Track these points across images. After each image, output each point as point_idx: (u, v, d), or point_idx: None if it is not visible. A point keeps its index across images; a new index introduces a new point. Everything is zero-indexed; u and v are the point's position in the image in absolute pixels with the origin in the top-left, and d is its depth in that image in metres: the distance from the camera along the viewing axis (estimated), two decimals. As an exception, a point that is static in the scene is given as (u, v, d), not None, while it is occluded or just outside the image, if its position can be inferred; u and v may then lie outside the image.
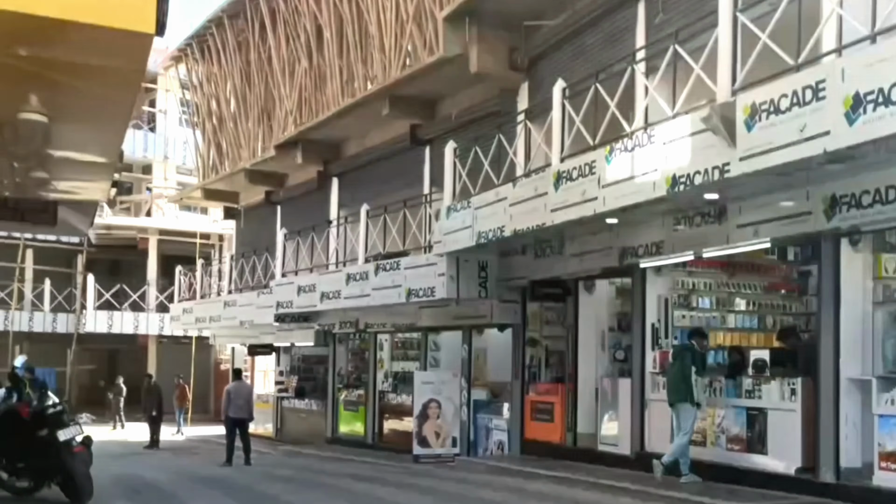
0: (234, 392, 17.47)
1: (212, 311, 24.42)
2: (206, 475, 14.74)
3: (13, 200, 12.44)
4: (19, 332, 34.57)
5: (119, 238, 34.82)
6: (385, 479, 12.92)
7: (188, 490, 12.05)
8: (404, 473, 13.98)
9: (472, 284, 14.52)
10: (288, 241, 20.51)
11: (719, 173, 8.34)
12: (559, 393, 13.94)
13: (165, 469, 17.10)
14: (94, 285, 33.58)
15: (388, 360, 19.34)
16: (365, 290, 16.62)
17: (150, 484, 13.36)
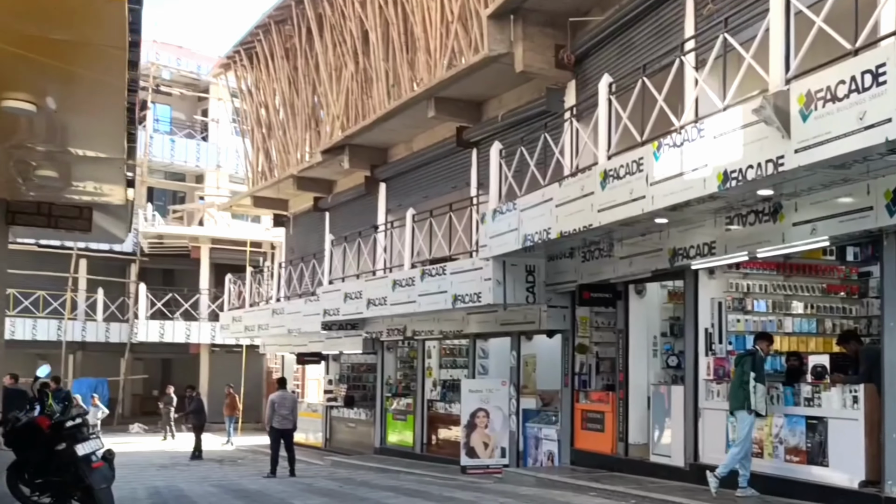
0: (279, 402, 17.46)
1: (260, 320, 24.50)
2: (244, 488, 14.64)
3: (46, 206, 12.40)
4: (72, 342, 35.22)
5: (171, 247, 35.30)
6: (427, 494, 12.66)
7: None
8: (448, 486, 13.74)
9: (520, 289, 14.25)
10: (335, 248, 20.49)
11: (773, 167, 7.97)
12: (610, 401, 13.60)
13: (206, 480, 17.12)
14: (145, 294, 34.06)
15: (436, 368, 19.14)
16: (411, 297, 16.47)
17: (184, 497, 13.27)
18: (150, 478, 18.10)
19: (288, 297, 23.12)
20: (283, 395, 17.99)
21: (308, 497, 12.64)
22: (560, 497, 11.65)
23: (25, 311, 34.03)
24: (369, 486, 14.37)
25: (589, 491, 11.82)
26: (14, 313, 33.59)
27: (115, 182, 10.50)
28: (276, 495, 13.10)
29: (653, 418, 12.61)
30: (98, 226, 13.53)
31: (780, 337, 12.29)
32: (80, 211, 12.72)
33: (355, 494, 12.93)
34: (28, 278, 33.47)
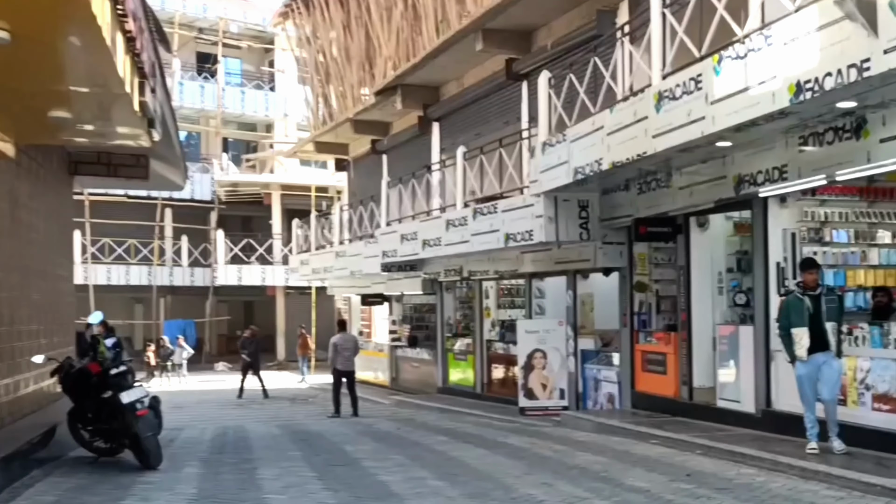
0: (341, 344, 16.40)
1: (326, 263, 23.36)
2: (305, 429, 13.54)
3: (105, 155, 12.02)
4: (162, 287, 34.99)
5: (246, 195, 34.50)
6: (481, 439, 11.29)
7: (277, 449, 10.79)
8: (504, 430, 12.37)
9: (573, 226, 12.62)
10: (391, 190, 19.09)
11: (857, 72, 6.16)
12: (672, 342, 11.94)
13: (274, 420, 16.23)
14: (223, 240, 33.41)
15: (494, 308, 17.67)
16: (464, 237, 15.00)
17: (245, 438, 12.29)
18: (224, 416, 17.41)
19: (350, 240, 21.89)
20: (344, 336, 16.90)
21: (362, 441, 11.43)
22: (618, 445, 10.17)
23: (119, 259, 33.91)
24: (427, 428, 13.12)
25: (650, 438, 10.30)
26: (109, 260, 33.62)
27: (131, 123, 9.17)
28: (331, 438, 11.94)
29: (719, 361, 10.91)
30: (156, 173, 12.67)
31: (864, 271, 10.43)
32: (136, 159, 12.13)
33: (409, 439, 11.65)
34: (121, 227, 33.35)
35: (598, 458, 9.21)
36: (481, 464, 9.00)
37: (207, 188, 35.18)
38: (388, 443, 11.30)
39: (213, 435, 12.91)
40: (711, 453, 9.12)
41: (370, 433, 12.58)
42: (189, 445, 11.32)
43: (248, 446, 11.22)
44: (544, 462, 9.09)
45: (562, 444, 10.45)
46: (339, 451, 10.51)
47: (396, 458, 9.54)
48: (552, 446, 10.23)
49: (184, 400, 21.19)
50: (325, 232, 24.07)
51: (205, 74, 36.58)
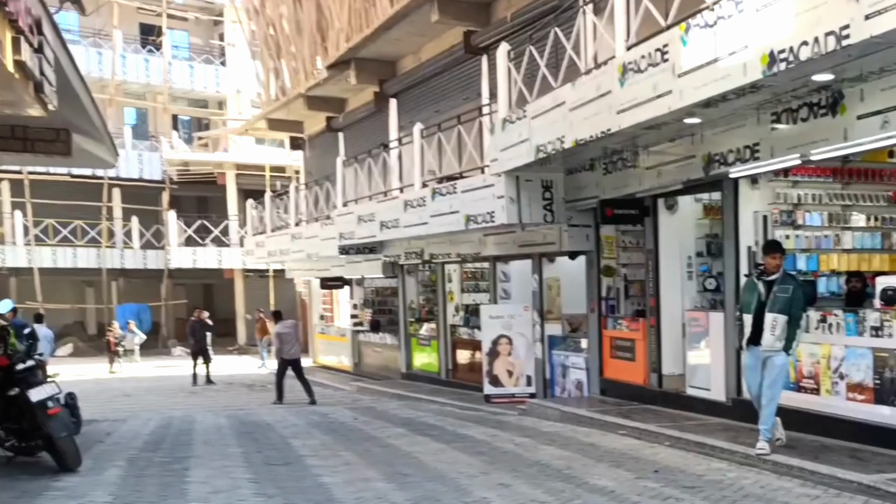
0: (284, 333, 16.22)
1: (282, 245, 22.80)
2: (257, 420, 13.11)
3: (20, 129, 10.98)
4: (113, 269, 34.18)
5: (198, 174, 33.70)
6: (440, 430, 10.93)
7: (217, 445, 10.29)
8: (467, 420, 12.02)
9: (536, 207, 12.24)
10: (347, 169, 18.56)
11: (835, 41, 5.80)
12: (641, 328, 11.66)
13: (228, 409, 15.79)
14: (175, 221, 32.66)
15: (457, 293, 17.29)
16: (423, 218, 14.56)
17: (188, 431, 11.82)
18: (173, 405, 16.96)
19: (306, 222, 21.35)
20: (285, 324, 16.73)
21: (312, 435, 10.99)
22: (585, 437, 9.87)
23: (65, 241, 33.06)
24: (385, 418, 12.74)
25: (618, 429, 10.01)
26: (54, 242, 32.83)
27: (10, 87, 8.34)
28: (280, 431, 11.47)
29: (688, 347, 10.67)
30: (81, 150, 11.95)
31: (837, 255, 10.18)
32: (56, 133, 11.24)
33: (364, 431, 11.23)
34: (65, 208, 32.42)
35: (563, 452, 8.90)
36: (436, 461, 8.64)
37: (157, 167, 34.34)
38: (340, 436, 10.88)
39: (155, 427, 12.48)
40: (680, 445, 8.85)
41: (324, 425, 12.18)
42: (124, 441, 10.85)
43: (188, 441, 10.73)
44: (504, 458, 8.74)
45: (525, 435, 10.14)
46: (285, 446, 10.06)
47: (345, 456, 9.14)
48: (514, 439, 9.91)
49: (134, 387, 20.70)
50: (281, 213, 23.47)
51: (149, 48, 35.51)
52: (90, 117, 10.73)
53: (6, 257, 32.21)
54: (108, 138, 12.55)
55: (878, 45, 5.77)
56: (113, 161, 13.71)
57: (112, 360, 25.56)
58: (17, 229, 32.18)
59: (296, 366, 16.32)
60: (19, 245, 32.17)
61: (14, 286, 32.77)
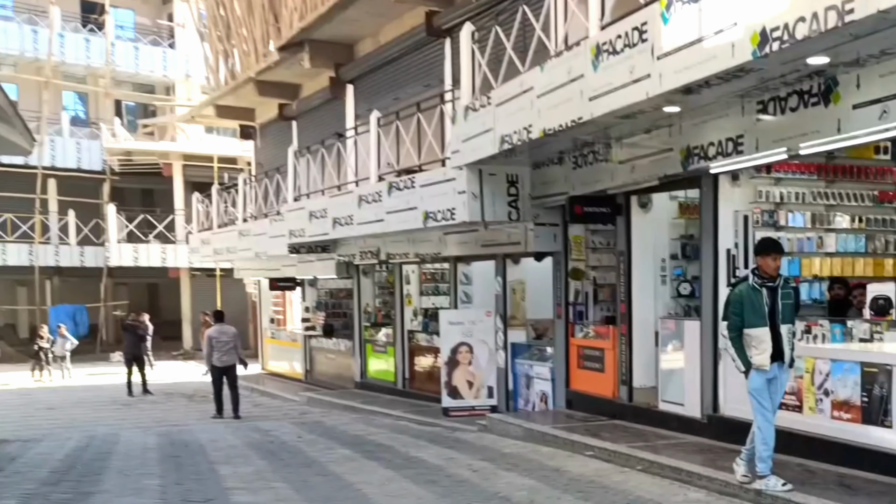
0: (216, 337, 15.47)
1: (229, 242, 22.10)
2: (184, 440, 12.41)
3: None
4: (46, 267, 33.11)
5: (142, 165, 32.76)
6: (391, 452, 10.38)
7: (133, 474, 9.40)
8: (421, 438, 11.48)
9: (500, 204, 11.76)
10: (299, 160, 17.94)
11: (837, 17, 5.36)
12: (611, 336, 11.22)
13: (160, 423, 15.13)
14: (115, 216, 31.70)
15: (416, 296, 16.72)
16: (379, 215, 14.02)
17: (108, 453, 11.08)
18: (101, 420, 16.20)
19: (255, 217, 20.68)
20: (220, 329, 15.93)
21: (246, 459, 10.25)
22: (549, 459, 9.36)
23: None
24: (332, 436, 12.17)
25: (585, 449, 9.53)
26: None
27: None
28: (210, 454, 10.80)
29: (661, 358, 10.24)
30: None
31: (820, 259, 9.81)
32: None
33: (305, 454, 10.55)
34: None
35: (525, 480, 8.35)
36: (381, 494, 7.99)
37: (97, 157, 33.29)
38: (277, 461, 10.12)
39: (71, 450, 11.70)
40: (654, 470, 8.40)
41: (262, 445, 11.49)
42: (27, 468, 10.02)
43: (102, 469, 9.87)
44: (459, 489, 8.13)
45: (484, 458, 9.60)
46: (210, 475, 9.28)
47: (278, 489, 8.37)
48: (472, 463, 9.33)
49: (61, 399, 19.87)
50: (230, 207, 22.75)
51: (90, 27, 34.43)
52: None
53: (-73, 253, 30.99)
54: (20, 121, 11.84)
55: (885, 21, 5.33)
56: (29, 147, 12.93)
57: (37, 368, 24.46)
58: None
59: (229, 374, 15.68)
60: (-59, 239, 31.00)
61: (-64, 285, 31.76)
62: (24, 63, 34.29)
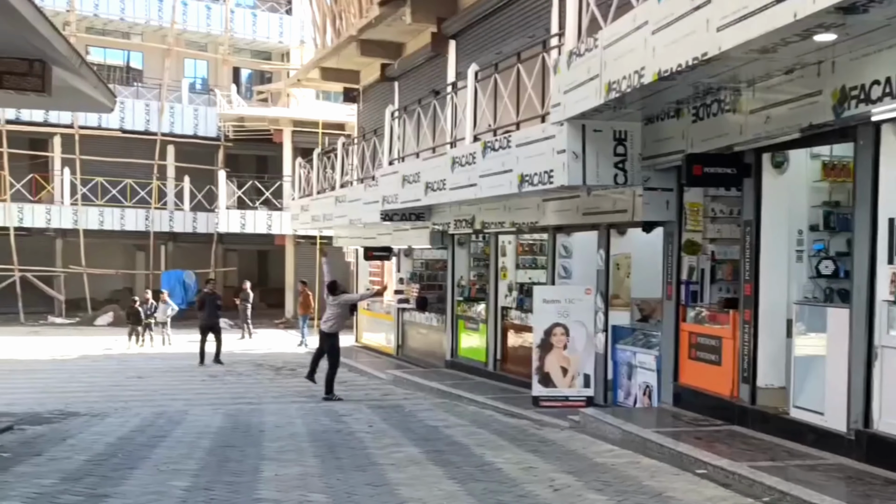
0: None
1: (326, 209, 20.93)
2: (250, 422, 11.08)
3: None
4: (161, 233, 32.98)
5: (254, 131, 32.10)
6: (465, 453, 8.60)
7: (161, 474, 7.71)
8: (504, 436, 9.67)
9: (605, 165, 9.86)
10: (395, 122, 16.48)
11: None
12: (731, 323, 9.22)
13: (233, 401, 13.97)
14: (225, 182, 31.13)
15: (511, 269, 15.02)
16: (472, 179, 12.37)
17: (153, 442, 9.46)
18: (182, 392, 15.27)
19: (351, 183, 19.39)
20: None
21: (299, 455, 8.60)
22: (650, 477, 7.33)
23: (114, 201, 31.88)
24: (404, 427, 10.44)
25: (695, 466, 7.56)
26: (102, 202, 31.64)
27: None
28: (268, 445, 9.24)
29: (795, 353, 8.23)
30: (67, 89, 10.13)
31: None
32: (29, 65, 9.40)
33: (366, 452, 8.80)
34: (116, 166, 31.28)
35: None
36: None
37: (213, 124, 32.90)
38: (331, 461, 8.35)
39: (130, 430, 10.49)
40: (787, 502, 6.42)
41: (325, 437, 9.79)
42: (69, 453, 8.71)
43: (142, 459, 8.40)
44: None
45: (570, 470, 7.70)
46: (248, 477, 7.54)
47: (313, 502, 6.69)
48: (555, 477, 7.40)
49: (153, 368, 18.99)
50: (330, 173, 21.54)
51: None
52: (56, 47, 8.88)
53: (52, 217, 31.13)
54: (94, 74, 10.72)
55: None
56: (110, 105, 11.85)
57: (133, 334, 23.71)
58: (65, 188, 31.22)
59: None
60: (66, 205, 31.22)
61: (60, 248, 31.92)
62: (150, 31, 34.32)
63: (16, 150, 30.44)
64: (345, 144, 20.20)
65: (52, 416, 11.78)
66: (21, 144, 31.24)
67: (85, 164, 30.74)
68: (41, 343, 24.02)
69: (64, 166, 31.17)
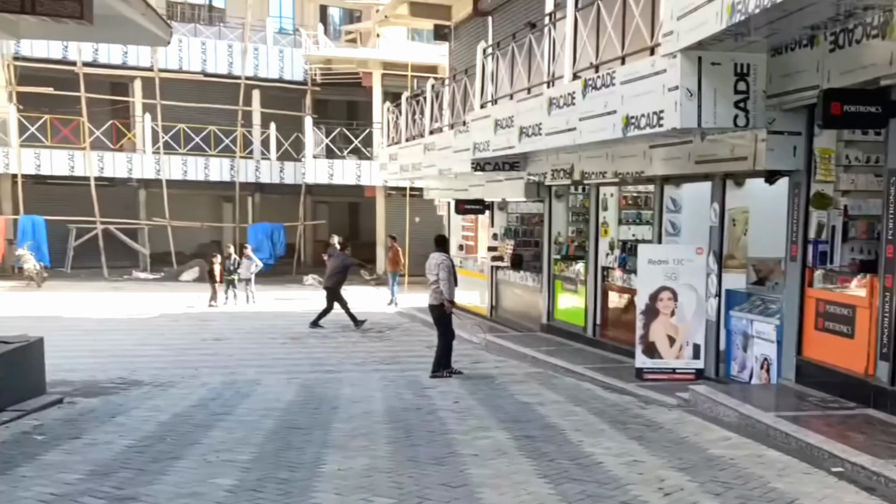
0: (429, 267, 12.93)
1: (415, 158, 20.50)
2: (324, 395, 10.70)
3: None
4: (247, 183, 33.20)
5: (342, 74, 31.80)
6: (558, 438, 7.93)
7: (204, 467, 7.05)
8: (603, 416, 9.05)
9: (724, 105, 9.00)
10: (487, 59, 15.82)
11: None
12: (867, 289, 8.39)
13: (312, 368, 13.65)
14: (311, 129, 30.98)
15: (613, 224, 14.26)
16: (570, 122, 11.67)
17: (213, 420, 9.02)
18: (260, 356, 15.02)
19: (440, 129, 18.87)
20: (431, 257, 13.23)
21: (368, 444, 7.83)
22: (776, 476, 6.52)
23: (196, 149, 32.16)
24: (493, 403, 9.91)
25: (829, 462, 6.78)
26: (185, 151, 31.93)
27: None
28: (338, 426, 8.64)
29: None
30: (112, 17, 9.88)
31: None
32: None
33: (447, 437, 8.16)
34: (198, 112, 31.50)
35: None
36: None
37: (300, 67, 32.74)
38: (405, 449, 7.71)
39: (190, 405, 10.00)
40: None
41: (403, 417, 9.20)
42: (113, 436, 8.19)
43: (190, 445, 7.81)
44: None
45: (682, 464, 6.97)
46: (305, 472, 6.88)
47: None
48: (664, 475, 6.64)
49: (235, 327, 18.86)
50: (419, 118, 21.07)
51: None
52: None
53: (133, 167, 31.36)
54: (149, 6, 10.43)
55: None
56: (164, 36, 11.51)
57: (215, 292, 23.56)
58: (147, 135, 31.46)
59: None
60: (148, 153, 31.55)
61: (143, 199, 32.35)
62: (234, -32, 34.32)
63: (94, 94, 30.63)
64: (434, 87, 19.64)
65: (111, 386, 11.57)
66: (100, 89, 31.44)
67: (166, 110, 30.98)
68: (121, 300, 24.28)
69: (145, 112, 31.51)
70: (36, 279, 27.09)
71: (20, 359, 9.63)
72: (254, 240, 31.03)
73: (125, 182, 31.82)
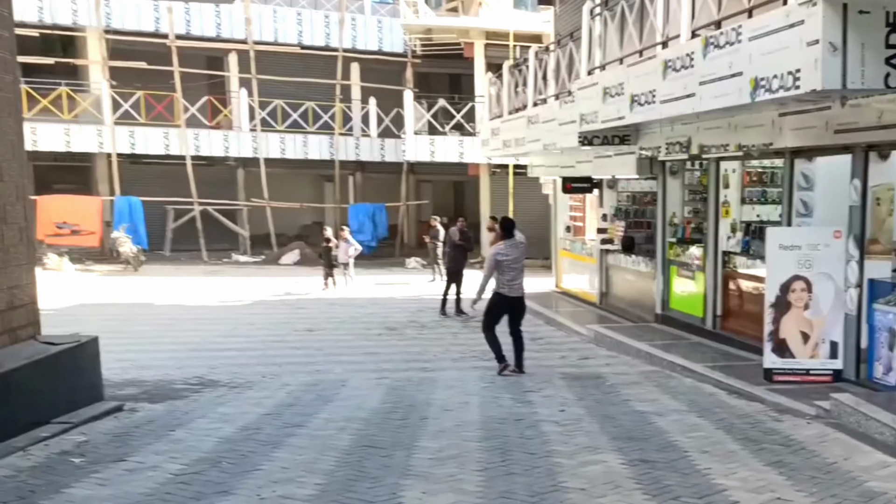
0: (504, 254, 11.66)
1: (517, 133, 19.57)
2: (416, 402, 9.79)
3: None
4: (347, 162, 32.84)
5: (443, 46, 30.95)
6: (682, 470, 6.75)
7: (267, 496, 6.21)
8: (727, 429, 8.06)
9: (874, 62, 7.77)
10: (594, 20, 14.76)
11: None
12: None
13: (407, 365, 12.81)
14: (412, 104, 30.29)
15: (735, 204, 13.07)
16: (689, 87, 10.54)
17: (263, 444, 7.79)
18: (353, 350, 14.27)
19: (544, 100, 17.89)
20: (511, 243, 11.81)
21: (457, 471, 6.80)
22: None
23: (295, 126, 31.90)
24: (604, 413, 8.90)
25: None
26: (283, 128, 31.73)
27: None
28: (424, 445, 7.64)
29: None
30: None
31: None
32: None
33: (546, 464, 6.99)
34: (295, 87, 31.18)
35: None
36: None
37: (399, 38, 32.07)
38: (502, 478, 6.63)
39: (264, 412, 9.14)
40: None
41: (500, 433, 8.15)
42: (165, 456, 7.28)
43: (254, 469, 6.91)
44: None
45: (834, 500, 5.97)
46: (387, 498, 6.11)
47: None
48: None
49: (330, 316, 18.22)
50: (521, 89, 20.11)
51: None
52: None
53: (230, 145, 31.13)
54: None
55: None
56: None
57: (329, 277, 22.91)
58: (243, 111, 31.35)
59: (515, 310, 11.84)
60: (245, 130, 31.43)
61: (241, 179, 32.07)
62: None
63: (189, 68, 30.38)
64: (538, 54, 18.64)
65: (183, 388, 10.79)
66: (194, 63, 31.10)
67: (262, 85, 30.75)
68: (217, 285, 23.92)
69: (240, 87, 31.38)
70: (133, 263, 27.24)
71: (70, 362, 8.76)
72: (355, 221, 30.67)
73: (222, 161, 31.70)
